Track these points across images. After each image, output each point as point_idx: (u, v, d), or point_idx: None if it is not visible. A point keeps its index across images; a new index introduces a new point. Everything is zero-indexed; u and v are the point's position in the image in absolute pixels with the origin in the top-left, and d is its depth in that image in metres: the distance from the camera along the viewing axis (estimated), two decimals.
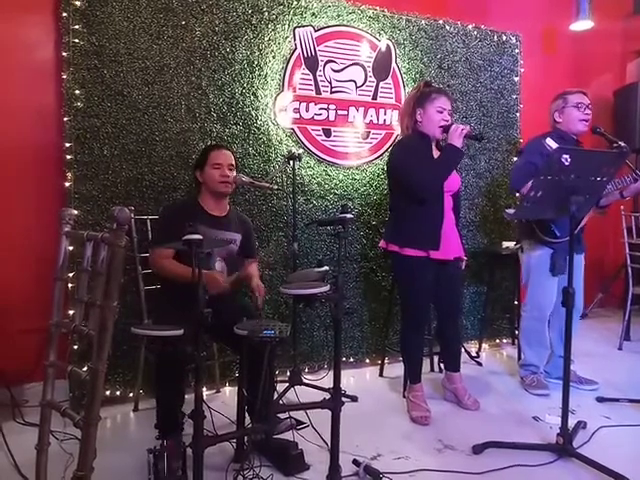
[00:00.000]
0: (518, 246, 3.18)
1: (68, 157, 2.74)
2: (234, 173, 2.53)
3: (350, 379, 3.28)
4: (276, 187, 3.07)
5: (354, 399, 2.87)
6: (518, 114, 3.99)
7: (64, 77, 2.73)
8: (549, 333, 3.08)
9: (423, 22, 3.65)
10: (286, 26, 3.25)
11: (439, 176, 2.59)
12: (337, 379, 2.07)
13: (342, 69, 3.42)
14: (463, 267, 2.87)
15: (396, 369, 3.27)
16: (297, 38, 3.28)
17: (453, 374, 2.86)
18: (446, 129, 2.62)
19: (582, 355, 3.25)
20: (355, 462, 2.14)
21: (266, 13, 3.19)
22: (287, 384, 2.80)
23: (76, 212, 1.75)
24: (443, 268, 2.66)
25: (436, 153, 2.69)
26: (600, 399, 2.85)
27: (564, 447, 2.21)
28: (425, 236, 2.60)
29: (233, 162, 2.54)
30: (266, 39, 3.19)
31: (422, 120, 2.66)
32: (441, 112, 2.63)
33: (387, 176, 2.82)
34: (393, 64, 3.57)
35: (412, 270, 2.64)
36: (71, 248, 1.88)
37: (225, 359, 3.03)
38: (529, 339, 3.08)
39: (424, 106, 2.65)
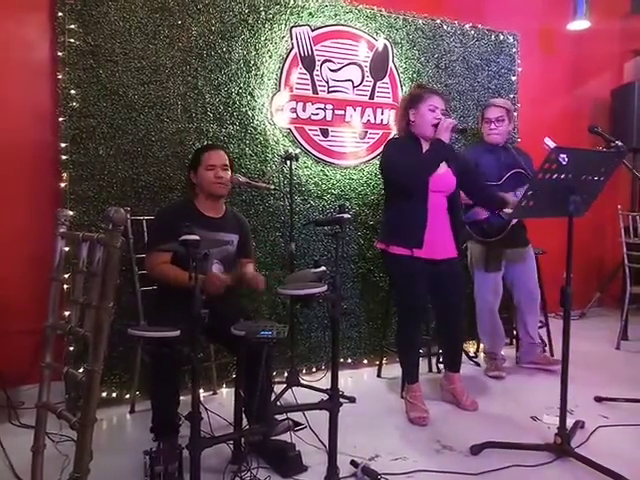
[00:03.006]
0: (464, 245, 3.38)
1: (63, 157, 2.72)
2: (229, 173, 2.51)
3: (348, 380, 3.27)
4: (273, 187, 3.07)
5: (352, 400, 2.86)
6: (515, 113, 3.98)
7: (59, 77, 2.72)
8: (517, 325, 3.45)
9: (420, 21, 3.64)
10: (283, 25, 3.24)
11: (424, 169, 2.60)
12: (335, 380, 2.06)
13: (339, 69, 3.41)
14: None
15: (394, 370, 3.26)
16: (294, 37, 3.27)
17: (452, 374, 2.86)
18: (438, 127, 2.64)
19: (579, 354, 3.23)
20: (353, 463, 2.14)
21: (263, 12, 3.18)
22: (285, 385, 2.80)
23: (72, 213, 1.74)
24: (436, 268, 2.67)
25: None
26: (598, 399, 2.84)
27: (562, 447, 2.21)
28: (408, 234, 2.63)
29: (227, 162, 2.52)
30: (263, 39, 3.18)
31: (415, 120, 2.67)
32: (433, 110, 2.63)
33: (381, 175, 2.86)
34: (390, 64, 3.56)
35: (399, 268, 2.67)
36: (67, 249, 1.87)
37: (222, 360, 3.01)
38: (481, 331, 3.38)
39: (417, 106, 2.66)
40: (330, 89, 3.39)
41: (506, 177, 3.15)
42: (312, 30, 3.32)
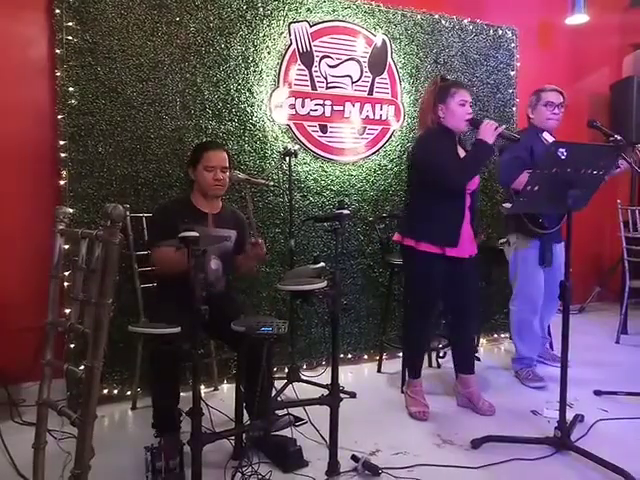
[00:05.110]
0: (504, 240, 3.24)
1: (63, 155, 2.73)
2: (227, 174, 2.51)
3: (348, 375, 3.28)
4: (272, 184, 3.07)
5: (352, 395, 2.87)
6: (514, 108, 3.99)
7: (58, 74, 2.71)
8: None
9: (419, 17, 3.64)
10: (281, 22, 3.23)
11: (469, 171, 2.56)
12: (335, 375, 2.07)
13: (338, 64, 3.41)
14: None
15: (394, 365, 3.27)
16: (292, 34, 3.26)
17: (468, 377, 2.77)
18: (474, 123, 2.58)
19: (580, 348, 3.25)
20: (354, 458, 2.14)
21: (261, 9, 3.17)
22: (285, 381, 2.80)
23: (71, 210, 1.74)
24: (459, 266, 2.62)
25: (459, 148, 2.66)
26: (598, 392, 2.85)
27: (562, 440, 2.22)
28: (445, 233, 2.57)
29: (227, 164, 2.50)
30: (261, 35, 3.18)
31: (445, 116, 2.60)
32: (463, 105, 2.58)
33: (408, 170, 2.77)
34: (389, 59, 3.55)
35: (425, 266, 2.60)
36: (67, 246, 1.88)
37: (223, 356, 3.02)
38: (521, 333, 3.14)
39: (445, 101, 2.59)
40: (329, 85, 3.39)
41: None
42: (310, 26, 3.31)
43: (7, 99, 2.79)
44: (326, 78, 3.37)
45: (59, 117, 2.73)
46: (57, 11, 2.70)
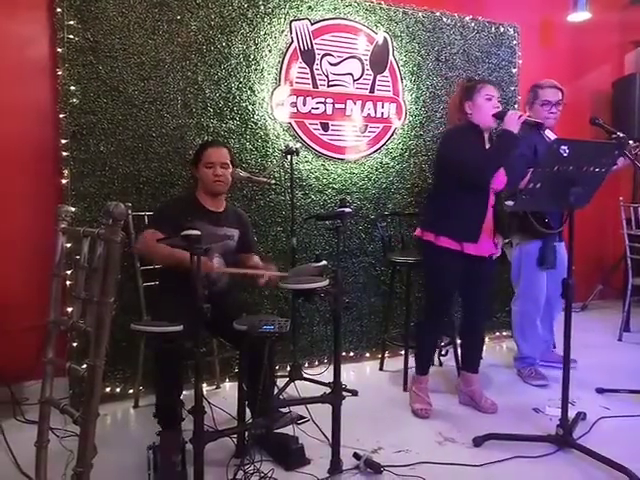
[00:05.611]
0: (507, 241, 3.16)
1: (64, 154, 2.73)
2: (228, 170, 2.52)
3: (350, 373, 3.28)
4: (274, 182, 3.07)
5: (354, 393, 2.86)
6: (517, 106, 3.97)
7: (59, 73, 2.71)
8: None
9: (420, 14, 3.63)
10: (282, 19, 3.23)
11: (493, 162, 2.52)
12: (337, 373, 2.07)
13: (339, 62, 3.40)
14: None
15: (396, 363, 3.27)
16: (293, 31, 3.26)
17: (471, 375, 2.78)
18: (499, 115, 2.54)
19: (582, 346, 3.25)
20: (356, 456, 2.15)
21: (262, 6, 3.17)
22: (287, 379, 2.81)
23: (73, 209, 1.74)
24: (477, 265, 2.59)
25: (487, 145, 2.64)
26: (600, 390, 2.85)
27: (564, 438, 2.22)
28: (465, 228, 2.54)
29: (227, 160, 2.52)
30: (262, 33, 3.18)
31: (472, 112, 2.58)
32: (490, 99, 2.56)
33: (434, 166, 2.75)
34: (390, 57, 3.55)
35: (442, 261, 2.58)
36: (69, 245, 1.88)
37: (225, 355, 3.02)
38: (524, 333, 3.12)
39: (472, 97, 2.57)
40: (330, 83, 3.38)
41: None
42: (312, 24, 3.31)
43: (9, 98, 2.79)
44: (327, 76, 3.37)
45: (61, 116, 2.73)
46: (58, 10, 2.70)
